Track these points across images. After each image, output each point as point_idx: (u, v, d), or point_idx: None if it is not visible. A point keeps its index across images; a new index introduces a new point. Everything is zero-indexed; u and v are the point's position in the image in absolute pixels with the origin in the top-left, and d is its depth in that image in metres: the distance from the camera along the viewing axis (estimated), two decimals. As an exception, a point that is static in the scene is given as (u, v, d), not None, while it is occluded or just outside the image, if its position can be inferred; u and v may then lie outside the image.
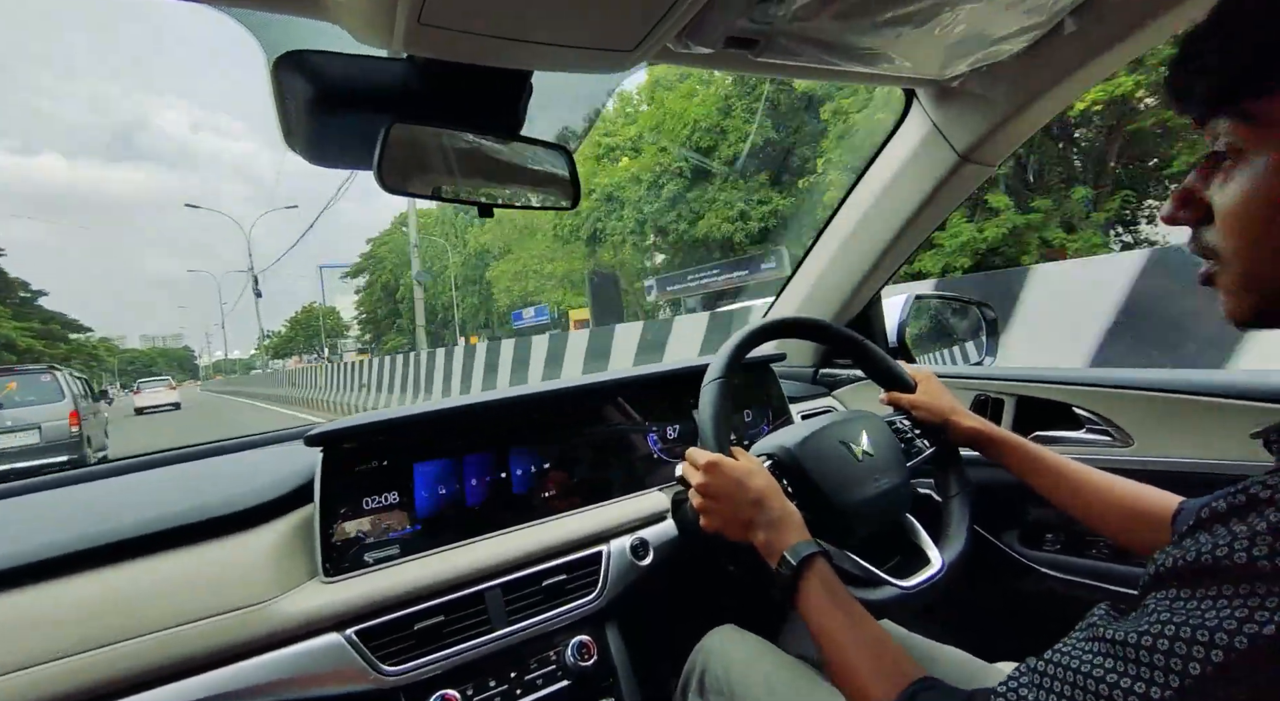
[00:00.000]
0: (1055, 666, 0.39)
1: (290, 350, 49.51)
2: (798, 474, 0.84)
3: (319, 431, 0.90)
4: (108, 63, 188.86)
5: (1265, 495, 0.33)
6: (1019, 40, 0.89)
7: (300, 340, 47.33)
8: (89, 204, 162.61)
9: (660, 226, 20.77)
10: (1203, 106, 0.41)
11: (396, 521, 0.94)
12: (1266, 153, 0.38)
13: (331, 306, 54.25)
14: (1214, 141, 0.41)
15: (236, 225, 45.52)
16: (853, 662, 0.58)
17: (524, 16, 0.62)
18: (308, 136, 0.72)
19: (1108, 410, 1.06)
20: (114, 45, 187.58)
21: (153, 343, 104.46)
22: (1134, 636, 0.35)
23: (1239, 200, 0.40)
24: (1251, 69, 0.38)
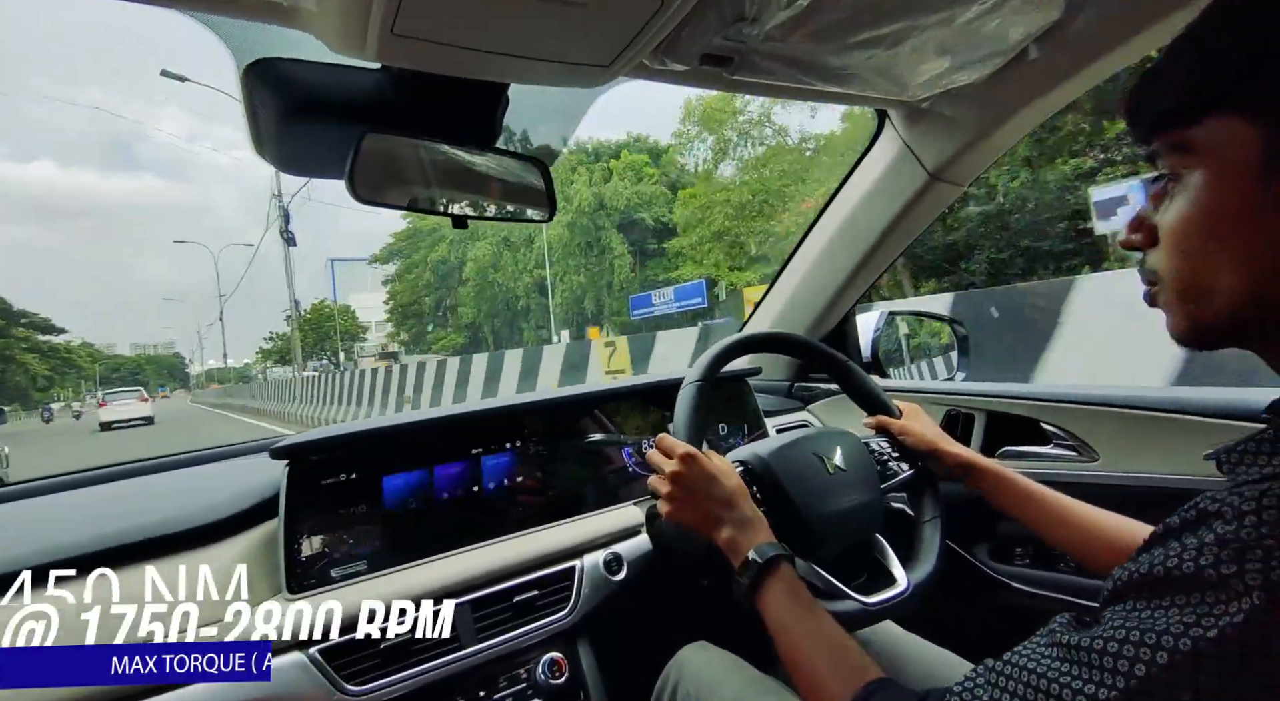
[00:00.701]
0: (1012, 667, 0.40)
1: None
2: (769, 482, 0.84)
3: (284, 444, 0.88)
4: (107, 72, 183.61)
5: (1214, 508, 0.34)
6: (985, 65, 0.91)
7: (309, 343, 42.49)
8: (81, 210, 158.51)
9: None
10: (1146, 137, 0.44)
11: (364, 536, 0.92)
12: (1198, 174, 0.41)
13: (345, 304, 47.92)
14: (1159, 168, 0.44)
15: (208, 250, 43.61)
16: (810, 662, 0.59)
17: (499, 29, 0.63)
18: (278, 145, 0.71)
19: (1074, 426, 1.08)
20: (113, 55, 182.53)
21: (142, 350, 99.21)
22: (1087, 641, 0.36)
23: (1177, 220, 0.42)
24: (1182, 105, 0.41)
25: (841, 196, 1.30)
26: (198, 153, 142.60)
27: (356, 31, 0.59)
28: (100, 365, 71.47)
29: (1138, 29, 0.83)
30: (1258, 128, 0.38)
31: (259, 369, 60.04)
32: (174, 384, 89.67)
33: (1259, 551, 0.31)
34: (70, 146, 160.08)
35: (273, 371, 57.53)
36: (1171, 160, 0.43)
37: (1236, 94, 0.39)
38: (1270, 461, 0.38)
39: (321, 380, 14.97)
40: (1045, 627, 0.42)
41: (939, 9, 0.78)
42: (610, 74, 0.74)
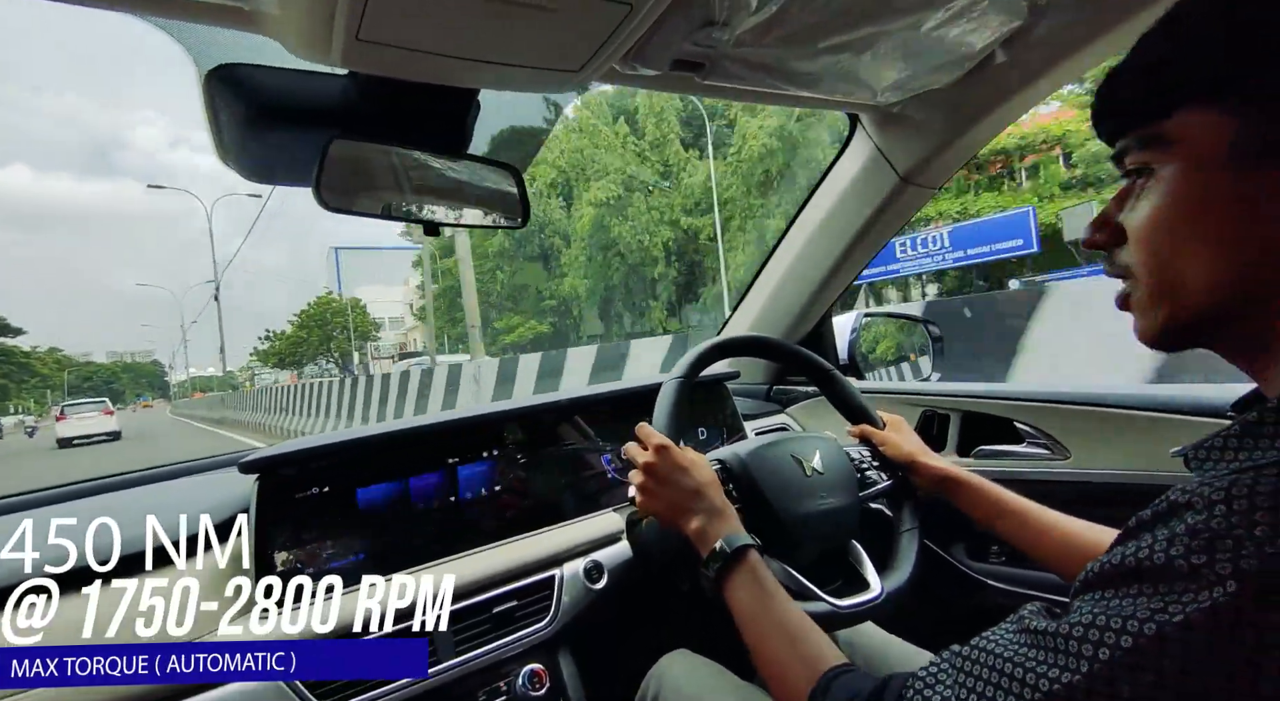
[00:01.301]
0: (978, 652, 0.41)
1: (301, 356, 38.49)
2: (745, 481, 0.85)
3: (254, 457, 0.86)
4: (84, 78, 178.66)
5: (1184, 500, 0.34)
6: (953, 69, 0.93)
7: (314, 343, 37.31)
8: (57, 216, 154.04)
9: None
10: (1114, 133, 0.44)
11: (338, 550, 0.90)
12: (1170, 168, 0.41)
13: (354, 298, 40.14)
14: (1128, 164, 0.44)
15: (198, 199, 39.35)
16: (773, 649, 0.60)
17: (467, 34, 0.62)
18: (243, 152, 0.69)
19: (1046, 424, 1.09)
20: (91, 62, 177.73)
21: (118, 358, 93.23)
22: (1054, 626, 0.37)
23: (1148, 216, 0.42)
24: (1152, 98, 0.41)
25: (815, 200, 1.31)
26: (177, 160, 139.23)
27: (321, 37, 0.58)
28: (70, 373, 66.53)
29: (1100, 33, 0.85)
30: (1229, 118, 0.38)
31: (245, 375, 54.79)
32: (153, 393, 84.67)
33: (1229, 541, 0.31)
34: (45, 152, 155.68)
35: (262, 377, 52.27)
36: (1142, 155, 0.43)
37: (1210, 83, 0.39)
38: (1237, 456, 0.39)
39: (329, 388, 12.99)
40: (1015, 614, 0.42)
41: (906, 14, 0.79)
42: (581, 79, 0.74)
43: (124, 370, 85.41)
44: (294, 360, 39.98)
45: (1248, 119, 0.37)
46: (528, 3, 0.58)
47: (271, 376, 53.36)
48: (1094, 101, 0.45)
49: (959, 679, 0.41)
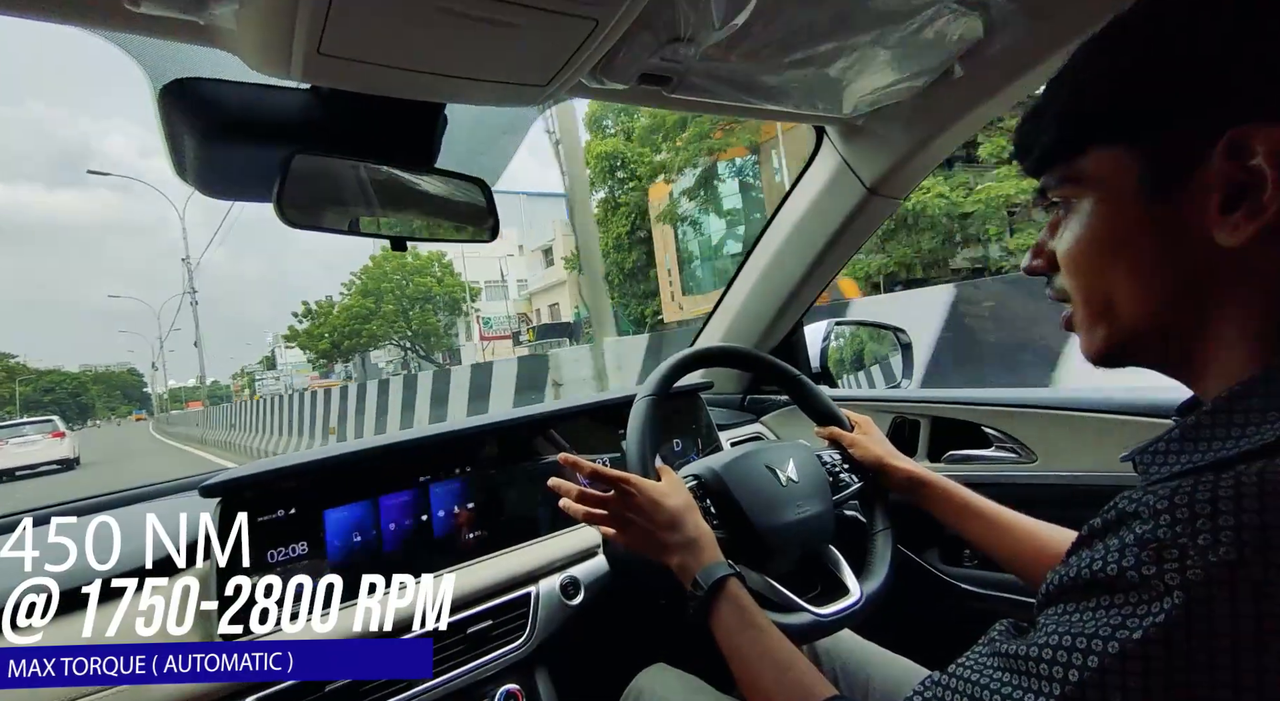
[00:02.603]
0: (956, 679, 0.41)
1: (359, 338, 28.12)
2: (721, 494, 0.85)
3: (215, 481, 0.83)
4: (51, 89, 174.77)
5: (1131, 508, 0.35)
6: (914, 83, 0.95)
7: (384, 317, 26.34)
8: (25, 228, 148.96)
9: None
10: (1034, 170, 0.47)
11: (306, 574, 0.88)
12: (1086, 201, 0.43)
13: (434, 251, 26.94)
14: (1050, 198, 0.47)
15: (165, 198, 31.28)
16: (760, 681, 0.60)
17: (431, 49, 0.61)
18: (201, 168, 0.68)
19: (1012, 428, 1.12)
20: (59, 72, 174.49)
21: (88, 369, 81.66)
22: (1024, 648, 0.37)
23: (1071, 245, 0.45)
24: (1063, 139, 0.44)
25: (784, 211, 1.33)
26: (149, 168, 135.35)
27: (280, 52, 0.57)
28: (24, 384, 56.62)
29: (1052, 50, 0.87)
30: (1134, 154, 0.40)
31: (243, 381, 51.46)
32: (131, 406, 77.74)
33: (1175, 550, 0.32)
34: (12, 162, 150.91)
35: (265, 383, 48.03)
36: (1060, 191, 0.45)
37: (1109, 124, 0.41)
38: (1178, 458, 0.40)
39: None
40: (986, 636, 0.43)
41: (867, 30, 0.80)
42: (548, 94, 0.74)
43: (95, 380, 76.69)
44: (352, 343, 28.00)
45: (1149, 156, 0.40)
46: (493, 18, 0.58)
47: (277, 381, 49.74)
48: (1015, 138, 0.48)
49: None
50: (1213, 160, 0.37)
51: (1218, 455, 0.36)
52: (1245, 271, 0.38)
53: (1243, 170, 0.36)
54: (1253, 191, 0.36)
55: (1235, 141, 0.36)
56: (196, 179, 0.69)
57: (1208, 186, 0.37)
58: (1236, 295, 0.39)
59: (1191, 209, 0.38)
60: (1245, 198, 0.36)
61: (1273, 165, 0.35)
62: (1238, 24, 0.36)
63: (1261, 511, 0.30)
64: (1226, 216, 0.37)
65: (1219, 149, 0.36)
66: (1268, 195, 0.35)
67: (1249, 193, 0.36)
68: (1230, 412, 0.37)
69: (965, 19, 0.83)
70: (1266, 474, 0.31)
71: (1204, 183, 0.37)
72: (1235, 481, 0.32)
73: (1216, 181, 0.37)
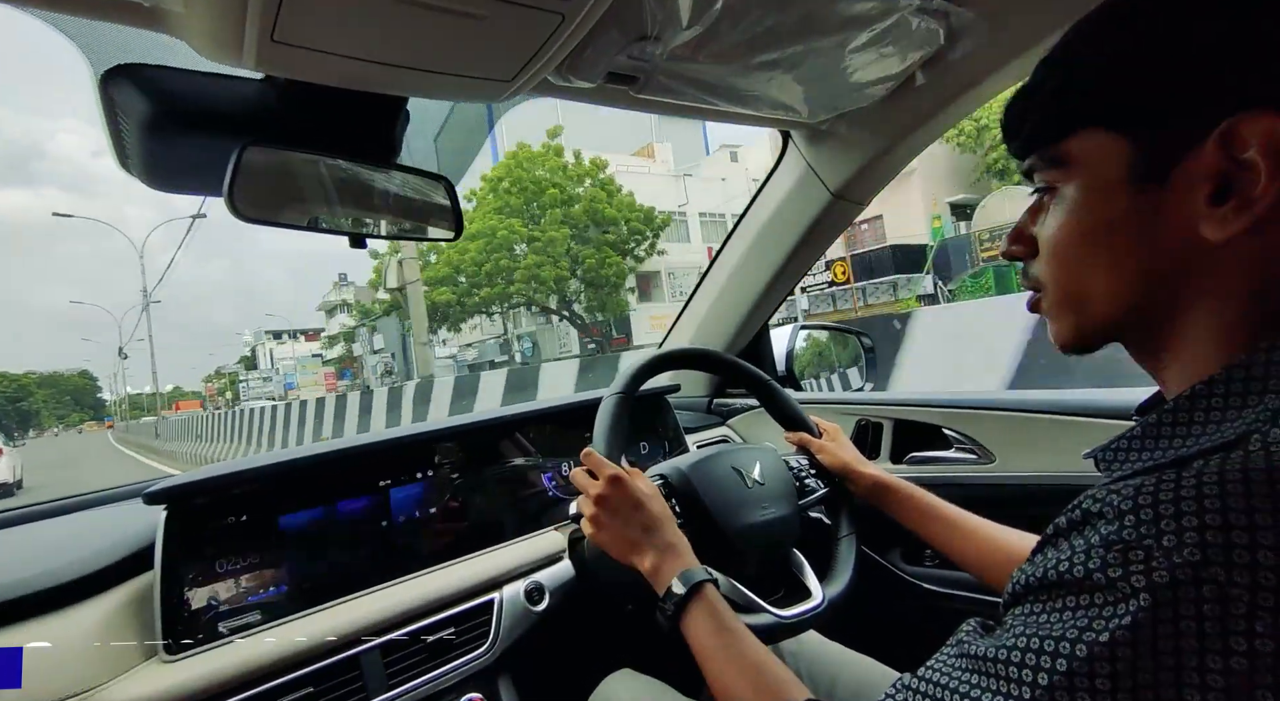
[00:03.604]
0: (926, 682, 0.40)
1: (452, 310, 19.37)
2: (687, 494, 0.84)
3: (161, 487, 0.79)
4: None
5: (1096, 508, 0.35)
6: (877, 89, 0.96)
7: (467, 290, 18.19)
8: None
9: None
10: (1021, 152, 0.46)
11: (258, 583, 0.84)
12: (1072, 186, 0.43)
13: (597, 157, 17.93)
14: (1036, 182, 0.46)
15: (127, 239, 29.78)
16: (732, 685, 0.59)
17: (391, 40, 0.60)
18: (145, 159, 0.64)
19: (972, 430, 1.14)
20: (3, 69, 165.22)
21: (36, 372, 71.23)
22: (993, 650, 0.37)
23: (1055, 231, 0.44)
24: (1052, 120, 0.43)
25: (751, 215, 1.33)
26: (101, 169, 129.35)
27: (231, 38, 0.55)
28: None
29: (1010, 58, 0.90)
30: (1124, 140, 0.40)
31: (220, 383, 46.18)
32: (83, 413, 70.78)
33: (1140, 552, 0.32)
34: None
35: (250, 384, 40.90)
36: (1046, 174, 0.44)
37: (1100, 108, 0.41)
38: (1140, 456, 0.40)
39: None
40: (954, 637, 0.42)
41: (831, 35, 0.81)
42: (513, 89, 0.73)
43: (40, 384, 68.55)
44: (488, 293, 17.90)
45: (1138, 141, 0.39)
46: (455, 8, 0.56)
47: (268, 383, 42.76)
48: (1002, 121, 0.47)
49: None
50: (1204, 150, 0.36)
51: (1178, 453, 0.36)
52: (1221, 265, 0.38)
53: (1234, 162, 0.35)
54: (1243, 184, 0.35)
55: (1229, 132, 0.35)
56: (141, 170, 0.66)
57: (1198, 177, 0.37)
58: (1210, 288, 0.39)
59: (1178, 199, 0.38)
60: (1234, 190, 0.36)
61: (1268, 157, 0.34)
62: (1236, 13, 0.36)
63: (1224, 511, 0.30)
64: (1214, 209, 0.36)
65: (1213, 139, 0.36)
66: (1260, 188, 0.35)
67: (1239, 185, 0.36)
68: (1191, 410, 0.38)
69: (926, 27, 0.84)
70: (1226, 472, 0.31)
71: (1194, 173, 0.37)
72: (1197, 479, 0.32)
73: (1207, 172, 0.36)
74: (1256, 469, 0.31)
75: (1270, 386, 0.35)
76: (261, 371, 49.91)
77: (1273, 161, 0.34)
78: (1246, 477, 0.31)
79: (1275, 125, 0.34)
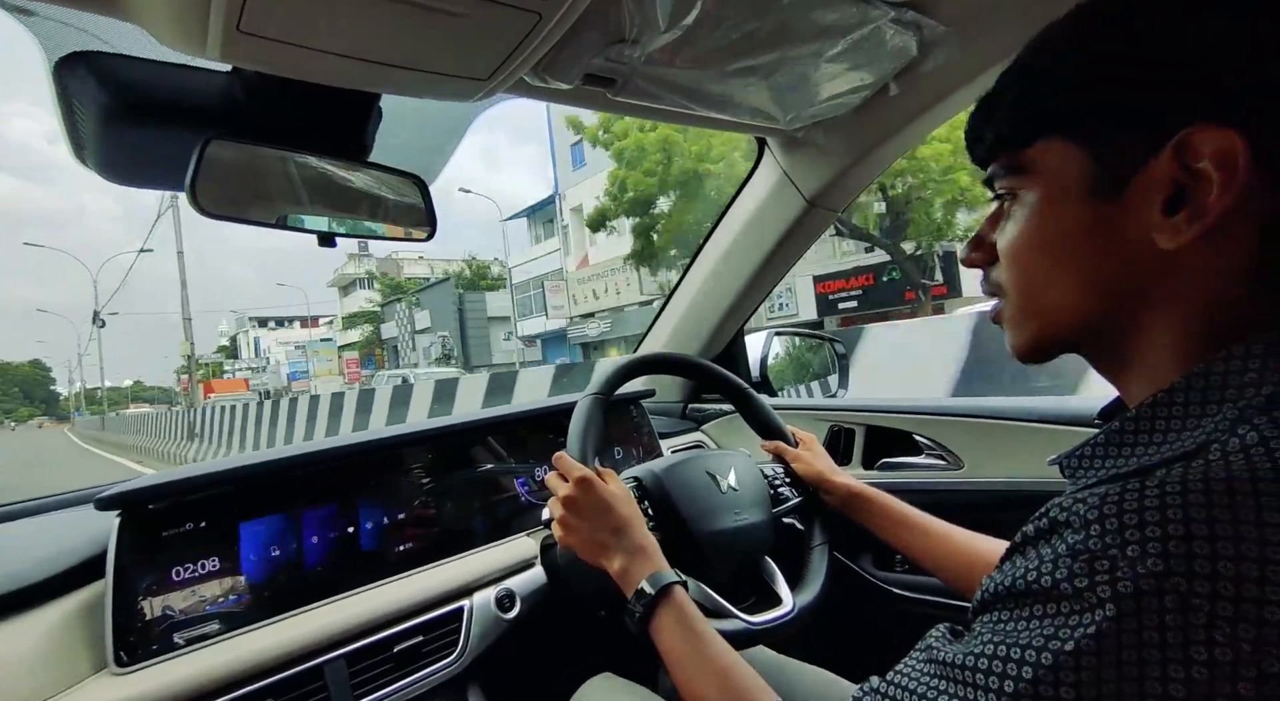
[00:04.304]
0: (894, 687, 0.41)
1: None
2: (660, 498, 0.84)
3: (113, 492, 0.76)
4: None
5: (1063, 517, 0.35)
6: (851, 98, 0.98)
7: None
8: None
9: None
10: (983, 159, 0.47)
11: (217, 592, 0.81)
12: (1032, 194, 0.44)
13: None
14: (997, 189, 0.47)
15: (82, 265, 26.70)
16: (700, 689, 0.59)
17: (364, 34, 0.58)
18: (102, 151, 0.62)
19: (941, 436, 1.15)
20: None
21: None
22: (961, 657, 0.37)
23: (1014, 238, 0.45)
24: (1013, 129, 0.44)
25: (726, 221, 1.34)
26: (58, 157, 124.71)
27: (195, 27, 0.53)
28: None
29: (983, 68, 0.92)
30: (1082, 150, 0.40)
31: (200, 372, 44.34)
32: (35, 407, 65.02)
33: (1105, 562, 0.32)
34: None
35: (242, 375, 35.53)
36: (1007, 181, 0.45)
37: (1059, 116, 0.41)
38: (1104, 463, 0.41)
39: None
40: (923, 642, 0.42)
41: (807, 43, 0.82)
42: (490, 89, 0.72)
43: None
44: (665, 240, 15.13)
45: (1098, 151, 0.40)
46: (431, 5, 0.56)
47: (260, 374, 37.41)
48: (966, 127, 0.48)
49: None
50: (1159, 160, 0.37)
51: (1141, 461, 0.37)
52: (1178, 275, 0.38)
53: (1188, 172, 0.36)
54: (1196, 194, 0.36)
55: (1183, 143, 0.36)
56: (98, 163, 0.63)
57: (1153, 186, 0.37)
58: (1168, 298, 0.39)
59: (1134, 208, 0.38)
60: (1188, 200, 0.37)
61: (1219, 168, 0.35)
62: (1190, 25, 0.36)
63: (1186, 521, 0.31)
64: (1168, 218, 0.37)
65: (1168, 149, 0.36)
66: (1212, 198, 0.35)
67: (1192, 195, 0.36)
68: (1153, 418, 0.38)
69: (899, 38, 0.86)
70: (1188, 482, 0.32)
71: (1149, 182, 0.38)
72: (1160, 488, 0.32)
73: (1162, 182, 0.37)
74: (1217, 479, 0.31)
75: (1229, 395, 0.35)
76: (248, 360, 45.54)
77: (1224, 173, 0.35)
78: (1208, 487, 0.31)
79: (1226, 137, 0.35)
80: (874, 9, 0.80)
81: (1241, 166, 0.35)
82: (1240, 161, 0.35)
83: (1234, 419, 0.34)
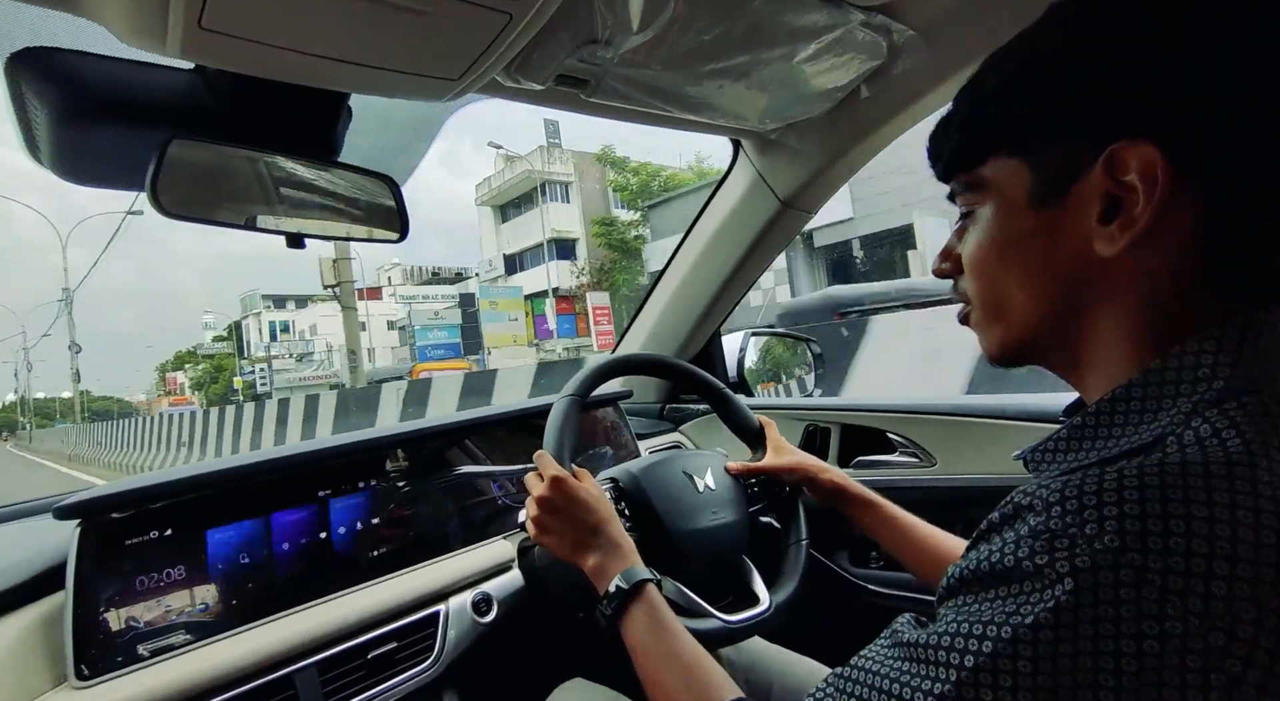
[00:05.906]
0: (858, 671, 0.42)
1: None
2: (637, 497, 0.84)
3: (72, 501, 0.74)
4: None
5: (1026, 501, 0.37)
6: (823, 100, 0.99)
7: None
8: None
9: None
10: (944, 176, 0.50)
11: (184, 601, 0.79)
12: (987, 208, 0.46)
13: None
14: (958, 204, 0.50)
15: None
16: (664, 681, 0.60)
17: (331, 32, 0.57)
18: (57, 149, 0.60)
19: (914, 435, 1.17)
20: None
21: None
22: (924, 637, 0.38)
23: (972, 249, 0.48)
24: (965, 147, 0.47)
25: (702, 223, 1.34)
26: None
27: (155, 23, 0.52)
28: None
29: (951, 73, 0.93)
30: (1024, 163, 0.43)
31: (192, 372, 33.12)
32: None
33: (1065, 540, 0.33)
34: None
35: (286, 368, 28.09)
36: (966, 197, 0.48)
37: (1002, 135, 0.44)
38: (1066, 457, 0.43)
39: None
40: (888, 629, 0.44)
41: (778, 46, 0.83)
42: (460, 89, 0.71)
43: None
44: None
45: (1036, 163, 0.43)
46: (399, 3, 0.55)
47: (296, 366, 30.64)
48: (928, 146, 0.51)
49: (841, 700, 0.41)
50: (1094, 173, 0.39)
51: (1101, 454, 0.39)
52: (1120, 279, 0.41)
53: (1119, 184, 0.39)
54: (1127, 204, 0.38)
55: (1113, 156, 0.38)
56: (53, 162, 0.61)
57: (1089, 197, 0.40)
58: (1113, 300, 0.41)
59: (1073, 218, 0.41)
60: (1121, 210, 0.39)
61: (1143, 181, 0.37)
62: (1118, 45, 0.39)
63: (1141, 502, 0.32)
64: (1103, 227, 0.40)
65: (1100, 163, 0.39)
66: (1139, 209, 0.38)
67: (1124, 205, 0.39)
68: (1112, 413, 0.40)
69: (869, 42, 0.87)
70: (1144, 469, 0.33)
71: (1085, 194, 0.40)
72: (1118, 475, 0.34)
73: (1096, 193, 0.40)
74: (1173, 465, 0.33)
75: (1182, 390, 0.37)
76: (287, 344, 34.06)
77: (1149, 185, 0.37)
78: (1163, 473, 0.33)
79: (1149, 152, 0.37)
80: (844, 13, 0.80)
81: (1161, 179, 0.37)
82: (1159, 174, 0.37)
83: (1188, 413, 0.36)
